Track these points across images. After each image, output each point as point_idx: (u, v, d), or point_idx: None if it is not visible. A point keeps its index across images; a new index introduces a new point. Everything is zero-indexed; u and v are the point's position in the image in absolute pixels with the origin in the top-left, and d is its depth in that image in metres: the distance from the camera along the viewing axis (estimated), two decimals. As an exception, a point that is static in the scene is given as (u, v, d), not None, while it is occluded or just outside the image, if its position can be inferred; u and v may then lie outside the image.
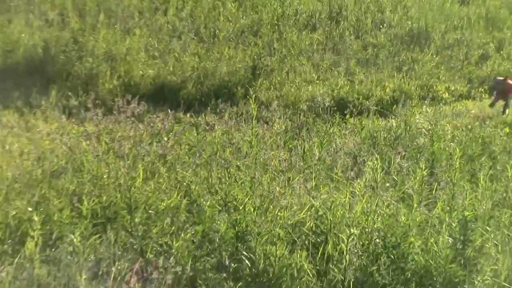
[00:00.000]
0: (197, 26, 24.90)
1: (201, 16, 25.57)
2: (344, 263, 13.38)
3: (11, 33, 22.62)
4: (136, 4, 25.84)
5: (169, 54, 22.85)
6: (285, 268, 13.22)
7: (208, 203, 14.74)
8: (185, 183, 15.77)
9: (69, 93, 21.01)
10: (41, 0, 25.13)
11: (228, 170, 16.70)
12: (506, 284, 13.11)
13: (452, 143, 18.89)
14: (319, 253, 13.79)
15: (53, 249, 13.32)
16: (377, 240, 13.94)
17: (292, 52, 23.91)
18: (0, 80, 21.30)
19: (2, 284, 12.43)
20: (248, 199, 14.90)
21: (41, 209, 14.06)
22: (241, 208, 14.50)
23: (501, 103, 22.82)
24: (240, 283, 13.00)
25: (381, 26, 26.72)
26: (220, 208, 14.72)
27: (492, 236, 14.07)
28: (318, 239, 14.16)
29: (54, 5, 24.88)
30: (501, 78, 22.05)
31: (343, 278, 13.24)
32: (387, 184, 16.60)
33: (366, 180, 16.44)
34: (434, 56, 25.66)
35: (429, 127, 19.95)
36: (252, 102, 20.82)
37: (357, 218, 14.37)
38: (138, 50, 22.75)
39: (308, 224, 14.61)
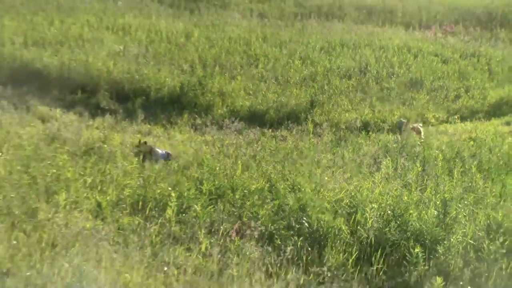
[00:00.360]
0: (276, 74, 24.84)
1: (279, 69, 25.48)
2: (368, 226, 13.29)
3: (159, 77, 22.64)
4: (239, 61, 25.79)
5: (258, 92, 22.79)
6: (330, 228, 13.15)
7: (282, 186, 14.74)
8: (267, 174, 15.65)
9: (196, 115, 20.99)
10: (179, 57, 25.10)
11: (295, 165, 16.60)
12: (471, 241, 12.93)
13: (436, 150, 18.69)
14: (352, 219, 13.64)
15: (183, 214, 13.29)
16: (389, 211, 13.85)
17: (336, 92, 23.79)
18: (153, 108, 21.30)
19: (151, 236, 12.39)
20: (307, 184, 14.87)
21: (177, 189, 14.01)
22: (302, 190, 14.47)
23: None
24: (302, 238, 12.88)
25: (392, 76, 26.53)
26: (289, 189, 14.64)
27: (462, 210, 13.94)
28: (351, 210, 14.03)
29: (187, 60, 24.86)
30: (404, 120, 21.70)
31: (367, 236, 13.13)
32: (395, 176, 16.51)
33: (382, 173, 16.43)
34: (426, 96, 25.40)
35: (422, 140, 19.77)
36: (310, 123, 20.76)
37: (376, 197, 14.37)
38: (239, 89, 22.69)
39: (345, 200, 14.49)
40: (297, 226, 13.28)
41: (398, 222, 13.56)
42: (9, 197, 12.91)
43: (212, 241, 12.49)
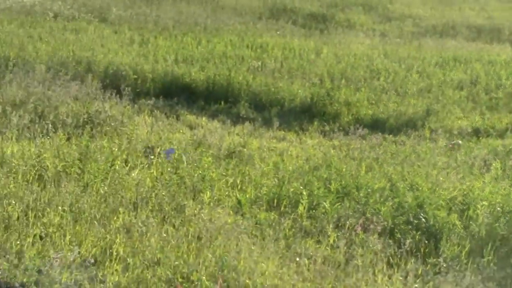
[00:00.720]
0: (395, 86, 24.44)
1: (398, 81, 25.06)
2: (479, 221, 13.03)
3: (292, 89, 22.57)
4: (363, 74, 25.50)
5: (380, 102, 22.49)
6: (445, 223, 12.91)
7: (401, 186, 14.48)
8: (388, 174, 15.38)
9: (324, 123, 20.78)
10: (310, 71, 24.98)
11: (413, 167, 16.29)
12: None
13: (543, 154, 18.16)
14: (464, 216, 13.37)
15: (313, 211, 13.21)
16: (498, 208, 13.52)
17: (449, 102, 23.22)
18: (286, 116, 21.25)
19: (284, 230, 12.36)
20: (424, 184, 14.65)
21: (308, 188, 13.88)
22: (420, 189, 14.29)
23: None
24: (419, 232, 12.67)
25: (500, 87, 25.78)
26: (408, 188, 14.37)
27: None
28: (464, 207, 13.77)
29: (317, 74, 24.65)
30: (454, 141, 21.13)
31: (478, 230, 12.85)
32: (504, 177, 16.09)
33: (491, 174, 16.12)
34: (531, 104, 24.71)
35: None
36: (426, 130, 20.40)
37: (486, 195, 14.04)
38: (363, 100, 22.37)
39: (458, 198, 14.19)
40: (415, 221, 13.02)
41: (507, 218, 13.16)
42: (161, 195, 13.07)
43: (339, 234, 12.39)
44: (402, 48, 32.42)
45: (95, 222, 11.84)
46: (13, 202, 11.99)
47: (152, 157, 15.38)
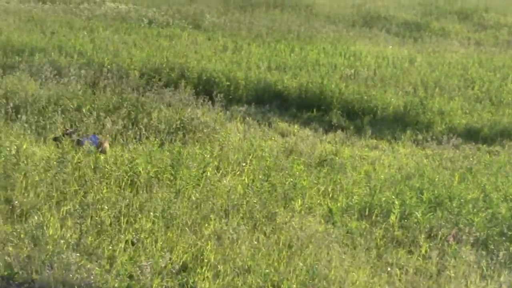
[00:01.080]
0: (490, 96, 23.96)
1: (493, 91, 24.49)
2: None
3: (385, 98, 22.39)
4: (457, 83, 25.17)
5: (474, 111, 22.06)
6: None
7: (495, 196, 14.31)
8: (482, 185, 15.11)
9: (417, 132, 20.54)
10: (403, 80, 24.73)
11: (507, 177, 16.00)
12: None
13: None
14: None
15: (405, 220, 13.10)
16: None
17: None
18: (379, 124, 21.10)
19: (376, 239, 12.26)
20: None
21: (399, 197, 13.77)
22: None
23: None
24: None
25: None
26: (502, 199, 14.20)
27: None
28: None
29: (410, 82, 24.37)
30: None
31: None
32: None
33: None
34: None
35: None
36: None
37: None
38: (457, 109, 22.05)
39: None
40: (509, 233, 12.74)
41: None
42: (252, 202, 13.10)
43: (431, 245, 12.26)
44: (497, 57, 31.84)
45: (186, 228, 11.94)
46: (106, 208, 12.20)
47: (244, 164, 15.47)
